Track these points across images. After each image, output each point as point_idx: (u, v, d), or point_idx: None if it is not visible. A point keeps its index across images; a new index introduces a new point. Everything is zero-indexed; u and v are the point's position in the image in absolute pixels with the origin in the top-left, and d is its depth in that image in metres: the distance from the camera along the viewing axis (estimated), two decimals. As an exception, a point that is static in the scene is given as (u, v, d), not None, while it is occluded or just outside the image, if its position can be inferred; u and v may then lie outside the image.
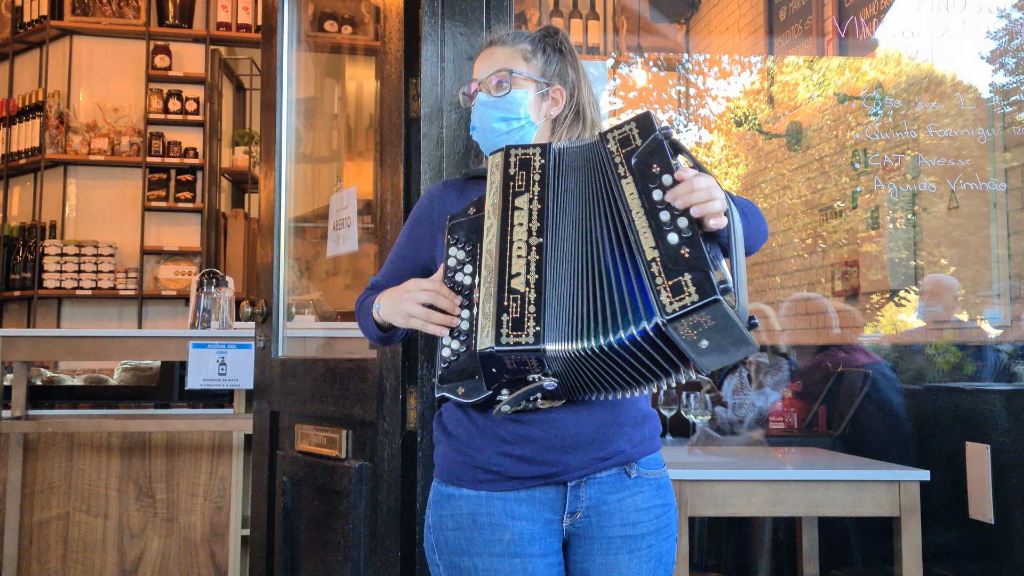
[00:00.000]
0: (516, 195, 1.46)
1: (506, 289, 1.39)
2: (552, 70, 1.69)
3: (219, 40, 6.10)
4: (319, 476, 2.27)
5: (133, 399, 4.08)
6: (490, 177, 1.50)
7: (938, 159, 3.61)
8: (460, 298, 1.47)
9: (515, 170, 1.48)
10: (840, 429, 3.38)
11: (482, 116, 1.68)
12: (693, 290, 1.27)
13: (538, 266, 1.39)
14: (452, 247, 1.51)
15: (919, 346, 3.59)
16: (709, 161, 5.13)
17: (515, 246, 1.42)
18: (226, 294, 4.01)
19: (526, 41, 1.70)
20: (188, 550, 3.59)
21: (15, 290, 5.72)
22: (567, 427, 1.52)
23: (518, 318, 1.36)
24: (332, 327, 3.70)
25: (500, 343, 1.35)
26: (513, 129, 1.66)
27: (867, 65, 4.17)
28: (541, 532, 1.54)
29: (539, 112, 1.68)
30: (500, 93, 1.66)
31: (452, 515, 1.57)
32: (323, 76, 5.26)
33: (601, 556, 1.55)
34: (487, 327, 1.37)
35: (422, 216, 1.72)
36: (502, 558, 1.52)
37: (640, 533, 1.56)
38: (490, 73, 1.68)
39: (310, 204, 3.65)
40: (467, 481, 1.56)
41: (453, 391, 1.44)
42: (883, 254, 4.04)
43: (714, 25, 5.63)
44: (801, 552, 3.05)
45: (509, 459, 1.53)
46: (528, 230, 1.42)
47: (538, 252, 1.40)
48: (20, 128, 5.91)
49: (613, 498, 1.55)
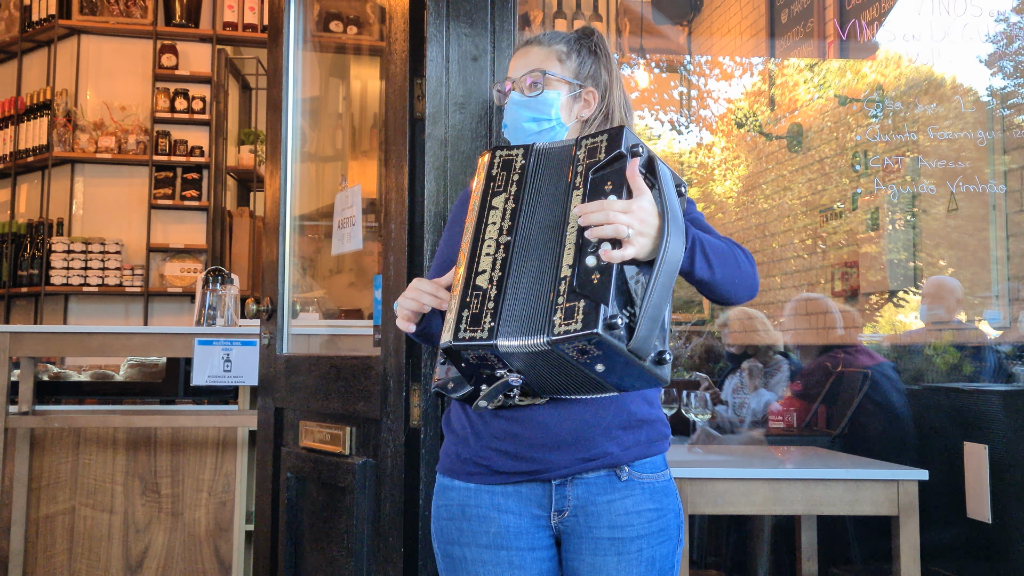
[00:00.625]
0: (494, 195, 1.48)
1: (471, 285, 1.40)
2: (586, 72, 1.69)
3: (225, 40, 6.12)
4: (323, 472, 2.29)
5: (139, 395, 4.10)
6: (475, 179, 1.53)
7: (938, 161, 3.63)
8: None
9: (497, 171, 1.50)
10: (839, 429, 3.40)
11: (514, 115, 1.69)
12: (580, 319, 1.28)
13: (503, 264, 1.40)
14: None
15: (918, 347, 3.61)
16: (709, 163, 5.15)
17: (486, 244, 1.43)
18: (231, 291, 4.03)
19: (562, 42, 1.70)
20: (193, 545, 3.61)
21: (22, 286, 5.75)
22: (550, 426, 1.53)
23: (477, 313, 1.37)
24: (336, 324, 3.72)
25: (457, 338, 1.36)
26: (544, 130, 1.67)
27: (867, 68, 4.19)
28: (528, 526, 1.56)
29: (570, 114, 1.69)
30: (533, 93, 1.67)
31: (446, 505, 1.61)
32: (328, 76, 5.28)
33: (589, 556, 1.55)
34: (451, 322, 1.38)
35: (455, 216, 1.74)
36: (489, 549, 1.55)
37: (630, 536, 1.55)
38: (524, 72, 1.68)
39: (315, 202, 3.68)
40: (459, 473, 1.60)
41: (443, 386, 1.46)
42: (882, 255, 4.06)
43: (716, 27, 5.64)
44: (800, 550, 3.07)
45: (496, 453, 1.55)
46: (499, 228, 1.44)
47: (505, 250, 1.41)
48: (28, 126, 5.94)
49: (602, 499, 1.56)
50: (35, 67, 6.16)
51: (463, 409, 1.61)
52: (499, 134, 2.11)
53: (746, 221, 4.97)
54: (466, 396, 1.47)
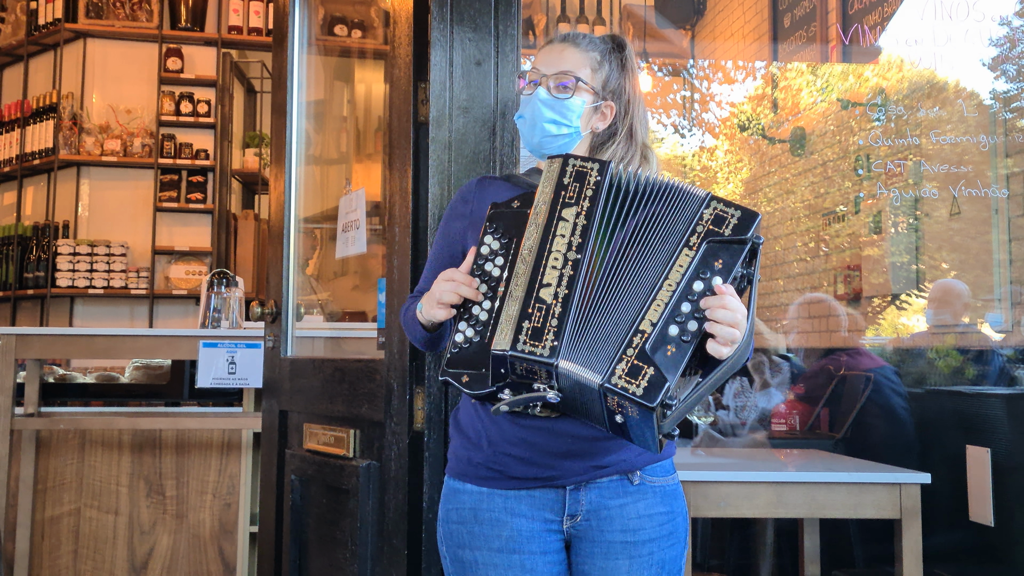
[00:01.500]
0: (565, 205, 1.44)
1: (534, 296, 1.38)
2: (612, 85, 1.68)
3: (230, 43, 6.14)
4: (327, 475, 2.29)
5: (144, 397, 4.11)
6: (544, 180, 1.48)
7: (940, 165, 3.63)
8: (483, 287, 1.45)
9: (569, 180, 1.46)
10: (842, 432, 3.40)
11: (535, 111, 1.66)
12: (643, 384, 1.28)
13: (570, 282, 1.38)
14: (488, 235, 1.49)
15: (921, 350, 3.61)
16: (712, 166, 5.16)
17: (552, 256, 1.40)
18: (236, 294, 4.05)
19: (597, 51, 1.68)
20: (197, 547, 3.62)
21: (28, 289, 5.78)
22: (565, 435, 1.53)
23: (539, 328, 1.35)
24: (341, 327, 3.73)
25: (516, 348, 1.35)
26: (562, 135, 1.66)
27: (869, 71, 4.20)
28: (540, 531, 1.56)
29: (587, 123, 1.67)
30: (561, 95, 1.65)
31: (457, 509, 1.61)
32: (332, 79, 5.30)
33: (601, 560, 1.56)
34: (507, 329, 1.36)
35: (455, 212, 1.72)
36: (501, 553, 1.55)
37: (641, 540, 1.56)
38: (557, 71, 1.65)
39: (319, 205, 3.69)
40: (471, 477, 1.60)
41: (457, 378, 1.42)
42: (885, 258, 4.06)
43: (719, 31, 5.65)
44: (803, 553, 3.07)
45: (510, 459, 1.56)
46: (568, 243, 1.41)
47: (573, 268, 1.39)
48: (34, 129, 5.96)
49: (614, 503, 1.57)
50: (41, 70, 6.18)
51: (476, 412, 1.61)
52: (502, 138, 2.12)
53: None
54: (482, 395, 1.43)
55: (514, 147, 2.13)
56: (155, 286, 5.86)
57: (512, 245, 1.46)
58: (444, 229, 1.73)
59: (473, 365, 1.41)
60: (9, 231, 5.93)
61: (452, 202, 1.75)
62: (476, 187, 1.72)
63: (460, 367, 1.42)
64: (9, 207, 6.21)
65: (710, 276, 1.35)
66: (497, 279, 1.44)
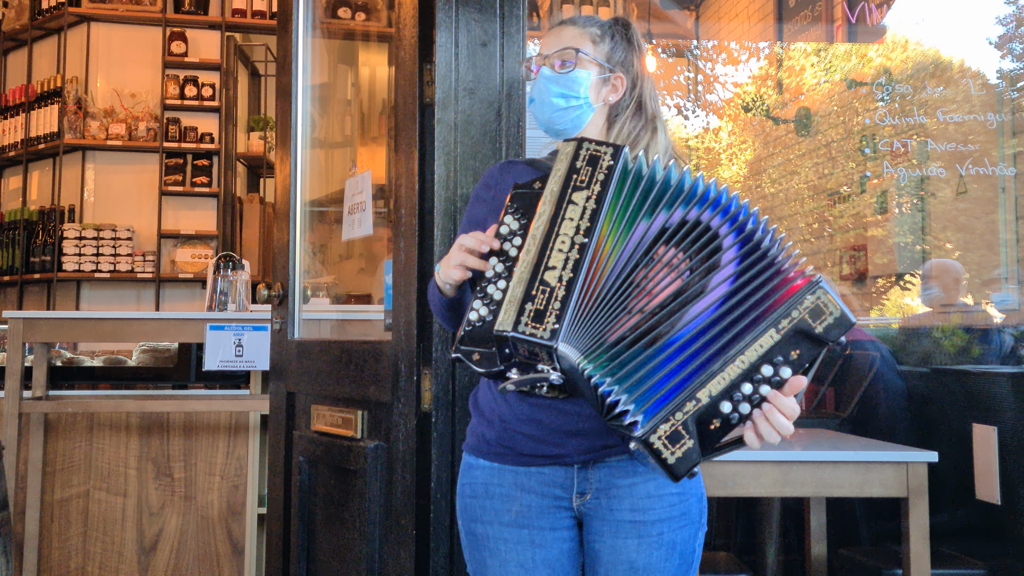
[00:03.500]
0: (576, 189, 1.43)
1: (538, 279, 1.37)
2: (617, 57, 1.69)
3: (234, 27, 6.14)
4: (335, 456, 2.31)
5: (151, 380, 4.13)
6: (557, 162, 1.47)
7: (946, 144, 3.62)
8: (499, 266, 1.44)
9: (582, 164, 1.45)
10: (848, 411, 3.41)
11: (542, 89, 1.68)
12: (679, 455, 1.28)
13: (576, 265, 1.37)
14: (508, 215, 1.49)
15: (926, 329, 3.61)
16: (716, 148, 5.14)
17: (559, 239, 1.39)
18: (242, 277, 4.06)
19: (596, 26, 1.71)
20: (206, 528, 3.65)
21: (35, 273, 5.80)
22: (573, 414, 1.55)
23: (541, 310, 1.35)
24: (347, 310, 3.74)
25: (517, 329, 1.35)
26: (571, 107, 1.67)
27: (873, 51, 4.18)
28: (549, 507, 1.58)
29: (598, 95, 1.68)
30: (564, 70, 1.67)
31: (471, 483, 1.64)
32: (336, 62, 5.29)
33: (610, 538, 1.57)
34: (510, 310, 1.37)
35: (479, 197, 1.73)
36: (511, 528, 1.57)
37: (651, 519, 1.56)
38: (557, 50, 1.68)
39: (324, 188, 3.69)
40: (485, 453, 1.63)
41: (468, 356, 1.42)
42: (889, 238, 4.06)
43: (724, 12, 5.62)
44: (809, 532, 3.09)
45: (520, 436, 1.58)
46: (576, 227, 1.40)
47: (579, 252, 1.38)
48: (39, 114, 5.97)
49: (624, 483, 1.57)
50: (45, 55, 6.18)
51: (491, 390, 1.63)
52: (508, 119, 2.12)
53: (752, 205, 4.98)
54: (492, 373, 1.44)
55: (520, 128, 2.13)
56: (161, 270, 5.88)
57: (529, 226, 1.46)
58: (468, 213, 1.74)
59: (485, 343, 1.41)
60: (15, 216, 5.94)
61: (476, 187, 1.76)
62: (499, 172, 1.73)
63: (472, 345, 1.42)
64: (15, 192, 6.22)
65: (781, 364, 1.29)
66: (514, 259, 1.43)
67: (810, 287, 1.31)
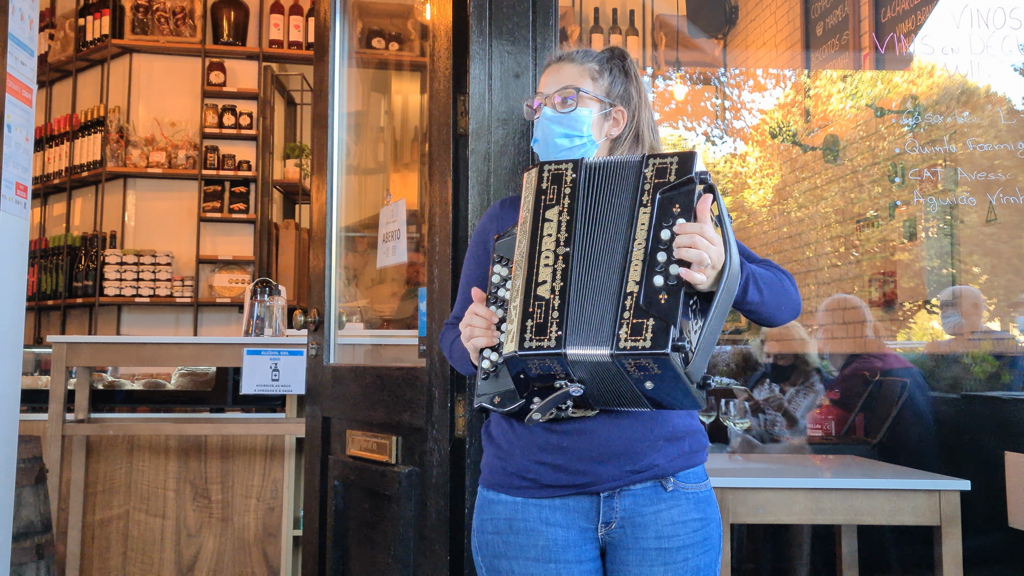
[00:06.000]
0: (547, 207, 1.48)
1: (532, 296, 1.41)
2: (616, 91, 1.70)
3: (271, 57, 6.25)
4: (369, 480, 2.32)
5: (189, 403, 4.19)
6: (524, 190, 1.53)
7: (976, 173, 3.60)
8: (499, 312, 1.50)
9: (547, 184, 1.50)
10: (878, 437, 3.39)
11: (545, 130, 1.69)
12: (649, 336, 1.32)
13: (564, 274, 1.41)
14: (496, 264, 1.54)
15: (955, 355, 3.59)
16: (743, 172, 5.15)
17: (543, 255, 1.44)
18: (279, 302, 4.12)
19: (594, 61, 1.71)
20: (242, 549, 3.70)
21: (77, 297, 5.91)
22: (599, 438, 1.55)
23: (541, 323, 1.38)
24: (381, 335, 3.78)
25: (523, 347, 1.37)
26: (575, 146, 1.67)
27: (899, 78, 4.17)
28: (576, 539, 1.58)
29: (600, 131, 1.69)
30: (565, 110, 1.67)
31: (492, 519, 1.62)
32: (370, 90, 5.38)
33: (636, 567, 1.57)
34: (512, 332, 1.40)
35: (479, 238, 1.76)
36: (537, 563, 1.56)
37: (676, 546, 1.57)
38: (557, 89, 1.68)
39: (357, 214, 3.75)
40: (505, 487, 1.62)
41: (490, 400, 1.47)
42: (916, 263, 4.04)
43: (751, 40, 5.64)
44: (840, 559, 3.07)
45: (543, 467, 1.57)
46: (556, 240, 1.44)
47: (564, 261, 1.42)
48: (82, 142, 6.11)
49: (649, 510, 1.58)
50: (89, 85, 6.33)
51: (507, 421, 1.63)
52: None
53: (778, 231, 4.98)
54: (515, 411, 1.47)
55: (551, 158, 2.15)
56: (199, 294, 5.97)
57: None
58: (471, 255, 1.78)
59: (502, 385, 1.46)
60: (59, 241, 6.07)
61: (477, 229, 1.79)
62: (497, 211, 1.76)
63: (490, 391, 1.48)
64: (59, 218, 6.36)
65: (672, 222, 1.38)
66: (508, 301, 1.47)
67: (642, 163, 1.45)
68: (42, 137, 6.33)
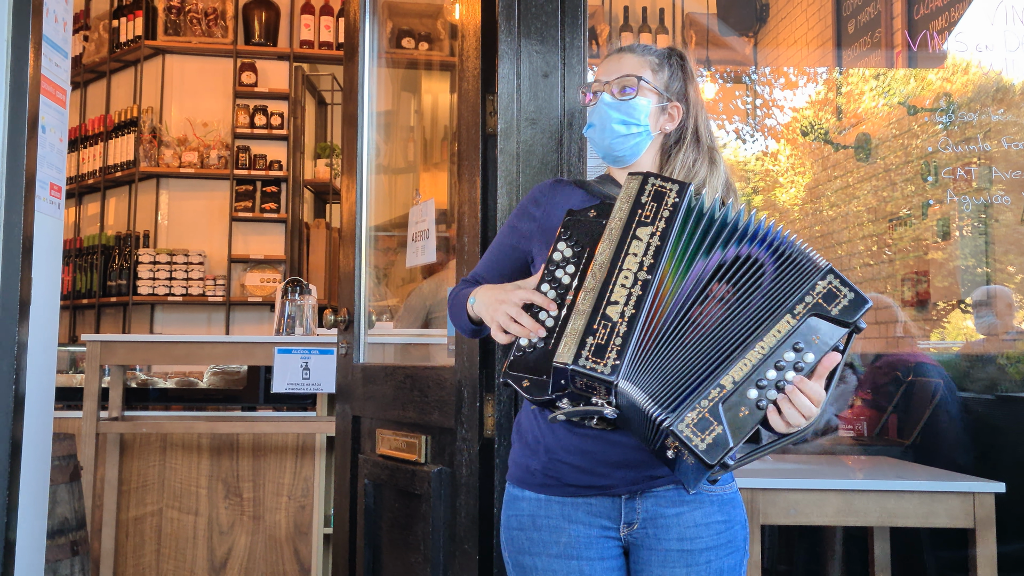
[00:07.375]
0: (640, 224, 1.43)
1: (600, 313, 1.37)
2: (675, 87, 1.70)
3: (302, 57, 6.30)
4: (399, 479, 2.33)
5: (221, 401, 4.23)
6: (622, 196, 1.47)
7: (1011, 171, 3.56)
8: (551, 293, 1.45)
9: (647, 199, 1.45)
10: (912, 438, 3.36)
11: (603, 115, 1.67)
12: (708, 441, 1.28)
13: (638, 302, 1.36)
14: (562, 241, 1.48)
15: (990, 356, 3.55)
16: (774, 171, 5.11)
17: (623, 274, 1.39)
18: (309, 301, 4.15)
19: (655, 55, 1.71)
20: (274, 547, 3.73)
21: (111, 296, 6.00)
22: (620, 445, 1.55)
23: (602, 345, 1.34)
24: (410, 334, 3.80)
25: (577, 363, 1.34)
26: (631, 134, 1.67)
27: (932, 75, 4.12)
28: (597, 537, 1.58)
29: (656, 124, 1.69)
30: (624, 97, 1.66)
31: (516, 515, 1.63)
32: (400, 90, 5.40)
33: (658, 568, 1.57)
34: (570, 343, 1.36)
35: (526, 212, 1.73)
36: (559, 559, 1.57)
37: (699, 548, 1.57)
38: (617, 76, 1.68)
39: (387, 213, 3.76)
40: (530, 484, 1.62)
41: (518, 382, 1.42)
42: (950, 262, 3.99)
43: (782, 38, 5.60)
44: (873, 561, 3.04)
45: (566, 467, 1.58)
46: (640, 264, 1.39)
47: (642, 288, 1.37)
48: (116, 143, 6.19)
49: (671, 512, 1.58)
50: (123, 86, 6.41)
51: (535, 419, 1.63)
52: (569, 149, 2.15)
53: (810, 230, 4.94)
54: (541, 401, 1.44)
55: (581, 158, 2.14)
56: (231, 293, 6.03)
57: (584, 255, 1.46)
58: (512, 224, 1.76)
59: (535, 371, 1.42)
60: (93, 241, 6.15)
61: (524, 201, 1.77)
62: (549, 190, 1.73)
63: (522, 371, 1.43)
64: (93, 218, 6.44)
65: (804, 350, 1.33)
66: (567, 287, 1.44)
67: (821, 274, 1.36)
68: (76, 137, 6.41)
